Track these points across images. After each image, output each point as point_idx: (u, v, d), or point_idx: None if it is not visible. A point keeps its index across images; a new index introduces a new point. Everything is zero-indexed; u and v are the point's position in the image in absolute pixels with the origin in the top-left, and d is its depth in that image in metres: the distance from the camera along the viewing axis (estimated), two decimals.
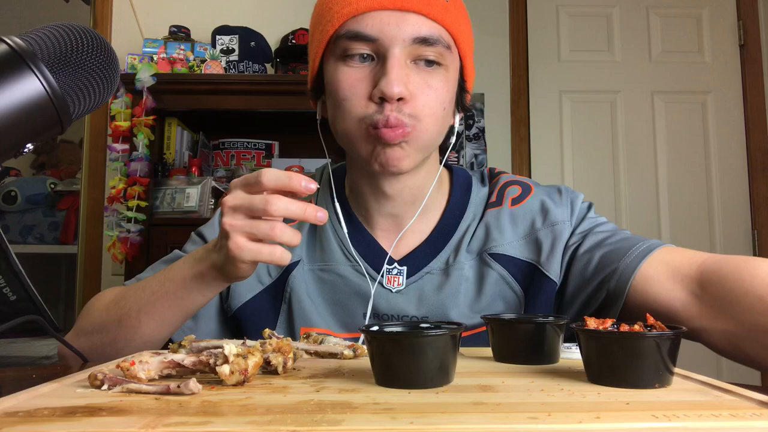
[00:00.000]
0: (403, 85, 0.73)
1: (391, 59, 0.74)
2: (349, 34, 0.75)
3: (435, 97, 0.76)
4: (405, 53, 0.75)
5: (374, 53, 0.76)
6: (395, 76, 0.73)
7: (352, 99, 0.76)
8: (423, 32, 0.75)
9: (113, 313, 0.78)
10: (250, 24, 2.39)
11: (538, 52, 2.67)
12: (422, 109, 0.75)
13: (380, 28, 0.74)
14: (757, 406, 0.42)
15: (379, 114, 0.74)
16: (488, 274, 0.83)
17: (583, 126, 2.66)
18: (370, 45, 0.75)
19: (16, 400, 0.44)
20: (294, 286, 0.84)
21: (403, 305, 0.82)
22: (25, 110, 0.45)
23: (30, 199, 2.94)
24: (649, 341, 0.48)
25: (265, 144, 2.44)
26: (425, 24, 0.75)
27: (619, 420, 0.38)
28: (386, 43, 0.74)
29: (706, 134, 2.66)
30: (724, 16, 2.71)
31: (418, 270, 0.84)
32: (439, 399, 0.44)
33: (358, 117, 0.76)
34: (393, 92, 0.72)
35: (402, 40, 0.74)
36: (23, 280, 0.66)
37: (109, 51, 0.50)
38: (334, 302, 0.84)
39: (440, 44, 0.76)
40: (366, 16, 0.75)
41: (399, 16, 0.74)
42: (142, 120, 2.08)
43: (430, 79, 0.76)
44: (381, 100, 0.74)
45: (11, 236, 2.87)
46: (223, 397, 0.45)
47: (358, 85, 0.75)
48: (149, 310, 0.74)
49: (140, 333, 0.75)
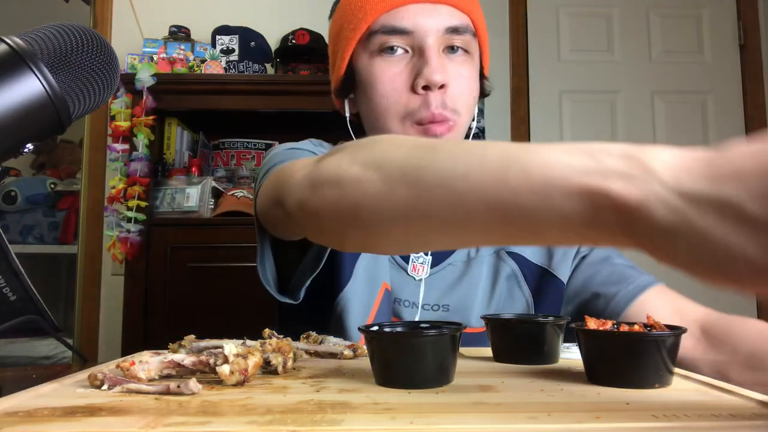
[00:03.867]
0: (444, 72, 0.77)
1: (429, 49, 0.77)
2: (385, 28, 0.78)
3: (466, 86, 0.81)
4: (438, 43, 0.78)
5: (410, 46, 0.79)
6: (436, 63, 0.76)
7: (392, 94, 0.78)
8: (454, 22, 0.79)
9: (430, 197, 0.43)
10: (250, 24, 2.39)
11: (538, 52, 2.67)
12: (459, 99, 0.79)
13: (415, 21, 0.77)
14: (757, 406, 0.42)
15: (425, 109, 0.77)
16: (502, 269, 0.86)
17: (583, 126, 2.66)
18: (405, 38, 0.78)
19: (16, 400, 0.44)
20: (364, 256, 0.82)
21: (426, 293, 0.84)
22: (25, 110, 0.45)
23: (30, 199, 2.94)
24: (649, 341, 0.48)
25: (265, 144, 2.44)
26: (455, 14, 0.79)
27: (619, 420, 0.38)
28: (422, 34, 0.77)
29: (706, 134, 2.66)
30: (724, 16, 2.71)
31: (442, 260, 0.86)
32: (439, 399, 0.44)
33: (401, 113, 0.78)
34: (437, 79, 0.76)
35: (436, 30, 0.78)
36: (23, 280, 0.66)
37: (109, 51, 0.50)
38: (398, 264, 0.85)
39: (468, 32, 0.80)
40: (401, 10, 0.78)
41: (431, 8, 0.78)
42: (142, 120, 2.08)
43: (461, 68, 0.80)
44: (425, 90, 0.77)
45: (11, 236, 2.87)
46: (223, 397, 0.45)
47: (397, 78, 0.78)
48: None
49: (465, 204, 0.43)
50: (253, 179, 2.35)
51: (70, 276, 2.73)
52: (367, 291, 0.81)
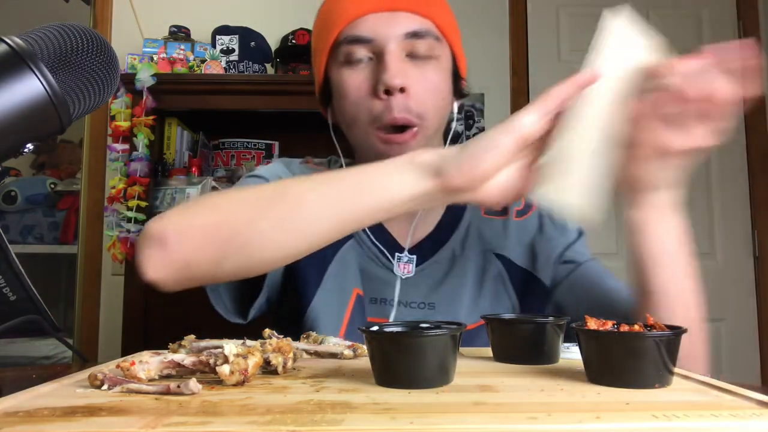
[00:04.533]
0: (403, 75, 0.79)
1: (388, 54, 0.79)
2: (347, 39, 0.81)
3: (433, 88, 0.82)
4: (400, 48, 0.80)
5: (373, 53, 0.81)
6: (394, 67, 0.79)
7: (359, 101, 0.81)
8: (413, 27, 0.81)
9: (268, 191, 0.66)
10: (250, 24, 2.39)
11: (538, 52, 2.67)
12: (425, 102, 0.81)
13: (374, 29, 0.80)
14: (757, 406, 0.42)
15: (388, 114, 0.79)
16: (489, 269, 0.88)
17: None
18: (367, 46, 0.81)
19: (16, 400, 0.44)
20: (345, 254, 0.86)
21: (411, 292, 0.86)
22: (25, 110, 0.45)
23: (30, 199, 2.93)
24: (649, 341, 0.48)
25: (265, 144, 2.44)
26: (415, 20, 0.81)
27: (619, 420, 0.38)
28: (381, 41, 0.80)
29: None
30: (724, 16, 2.70)
31: (426, 259, 0.88)
32: (439, 399, 0.44)
33: (366, 117, 0.81)
34: (395, 83, 0.78)
35: (395, 36, 0.80)
36: (23, 280, 0.66)
37: (109, 51, 0.50)
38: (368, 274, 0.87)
39: (430, 36, 0.82)
40: (360, 21, 0.81)
41: (390, 16, 0.81)
42: (142, 120, 2.08)
43: (425, 71, 0.82)
44: (386, 94, 0.79)
45: (11, 236, 2.87)
46: (223, 397, 0.45)
47: (362, 86, 0.81)
48: (326, 202, 0.62)
49: (307, 210, 0.62)
50: None
51: (70, 276, 2.73)
52: (337, 300, 0.84)
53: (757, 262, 2.57)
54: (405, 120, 0.80)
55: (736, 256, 2.58)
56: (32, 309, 0.67)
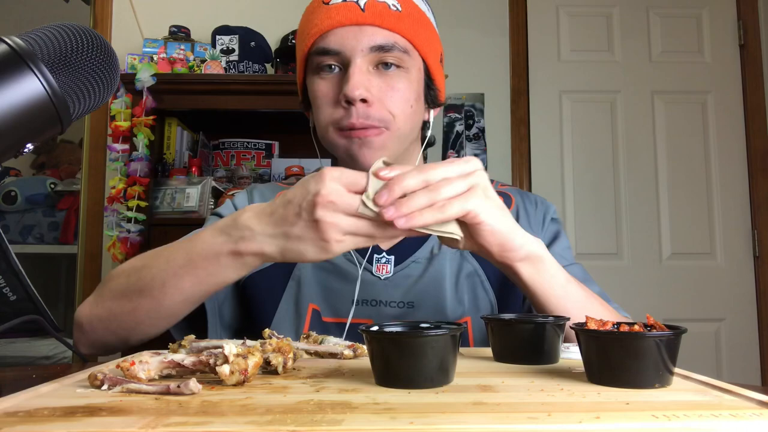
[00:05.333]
0: (363, 88, 0.83)
1: (353, 66, 0.84)
2: (317, 50, 0.86)
3: (399, 97, 0.86)
4: (366, 61, 0.85)
5: (340, 64, 0.86)
6: (356, 80, 0.83)
7: (323, 106, 0.87)
8: (378, 41, 0.84)
9: (134, 281, 0.77)
10: (250, 24, 2.39)
11: (538, 52, 2.67)
12: (390, 110, 0.85)
13: (341, 42, 0.85)
14: (757, 406, 0.42)
15: (347, 118, 0.84)
16: (464, 267, 0.90)
17: (583, 126, 2.66)
18: (335, 57, 0.86)
19: (16, 400, 0.44)
20: (302, 269, 0.90)
21: (390, 292, 0.89)
22: (25, 110, 0.45)
23: (30, 199, 2.93)
24: (649, 341, 0.48)
25: (265, 144, 2.44)
26: (380, 33, 0.85)
27: (619, 420, 0.38)
28: (347, 53, 0.85)
29: (706, 134, 2.66)
30: (724, 16, 2.70)
31: (404, 259, 0.91)
32: (439, 399, 0.44)
33: (328, 121, 0.86)
34: (354, 95, 0.82)
35: (361, 50, 0.84)
36: (23, 280, 0.66)
37: (109, 51, 0.50)
38: (327, 288, 0.90)
39: (396, 49, 0.85)
40: (329, 34, 0.85)
41: (357, 30, 0.85)
42: (142, 120, 2.08)
43: (392, 81, 0.86)
44: (348, 104, 0.84)
45: (11, 236, 2.87)
46: (223, 397, 0.45)
47: (328, 93, 0.87)
48: (175, 283, 0.73)
49: (165, 305, 0.75)
50: (253, 179, 2.35)
51: (70, 276, 2.73)
52: (295, 317, 0.89)
53: (757, 262, 2.57)
54: (363, 125, 0.84)
55: (736, 256, 2.58)
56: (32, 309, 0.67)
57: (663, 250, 2.59)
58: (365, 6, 0.85)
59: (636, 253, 2.59)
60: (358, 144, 0.84)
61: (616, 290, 2.52)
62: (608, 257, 2.58)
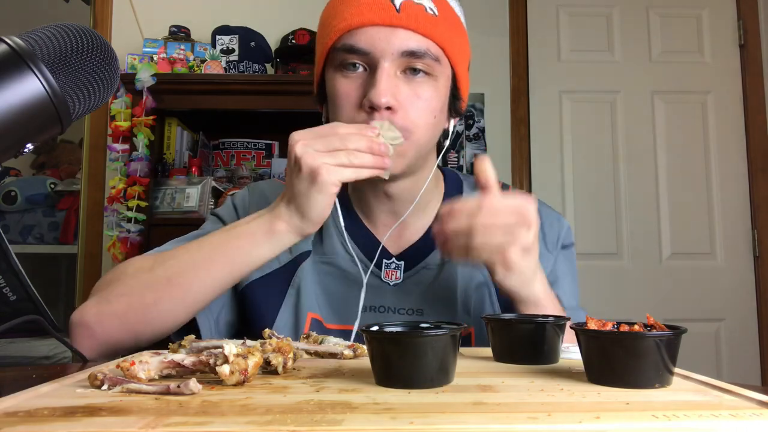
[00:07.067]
0: (390, 94, 0.78)
1: (380, 71, 0.79)
2: (344, 47, 0.81)
3: (425, 107, 0.81)
4: (395, 65, 0.80)
5: (367, 65, 0.81)
6: (383, 86, 0.78)
7: (344, 107, 0.82)
8: (411, 46, 0.79)
9: (159, 273, 0.78)
10: (250, 24, 2.39)
11: (538, 52, 2.67)
12: (414, 120, 0.80)
13: (371, 43, 0.79)
14: (757, 406, 0.42)
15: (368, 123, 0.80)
16: (474, 276, 0.88)
17: (583, 126, 2.66)
18: (362, 57, 0.80)
19: (16, 400, 0.44)
20: (303, 276, 0.88)
21: (400, 298, 0.87)
22: (25, 110, 0.45)
23: (30, 199, 2.93)
24: (649, 341, 0.48)
25: (265, 144, 2.44)
26: (413, 38, 0.80)
27: (619, 420, 0.38)
28: (377, 56, 0.79)
29: (706, 134, 2.66)
30: (724, 16, 2.70)
31: (415, 265, 0.88)
32: (439, 399, 0.44)
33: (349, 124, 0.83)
34: (380, 102, 0.78)
35: (391, 53, 0.79)
36: (23, 280, 0.66)
37: (109, 51, 0.50)
38: (333, 294, 0.88)
39: (428, 57, 0.80)
40: (359, 31, 0.80)
41: (389, 31, 0.79)
42: (142, 120, 2.08)
43: (419, 89, 0.81)
44: (371, 110, 0.79)
45: (11, 236, 2.87)
46: (223, 397, 0.45)
47: (351, 94, 0.81)
48: (208, 267, 0.77)
49: (193, 291, 0.77)
50: (253, 179, 2.35)
51: (70, 276, 2.73)
52: (294, 326, 0.87)
53: (757, 262, 2.57)
54: None
55: (736, 256, 2.58)
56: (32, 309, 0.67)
57: (663, 250, 2.59)
58: (400, 6, 0.79)
59: (636, 253, 2.59)
60: None
61: (616, 290, 2.53)
62: (608, 257, 2.58)
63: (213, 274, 0.76)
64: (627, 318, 0.56)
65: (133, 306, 0.77)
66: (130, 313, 0.77)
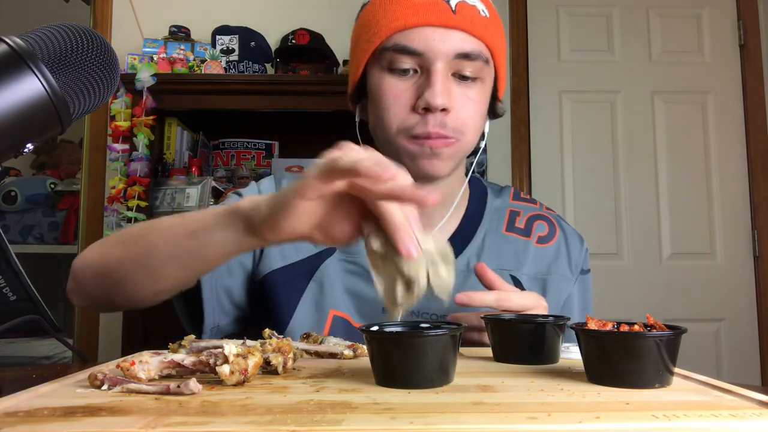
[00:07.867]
0: (446, 96, 0.78)
1: (436, 72, 0.78)
2: (396, 47, 0.79)
3: (474, 109, 0.82)
4: (447, 67, 0.79)
5: (419, 66, 0.80)
6: (440, 88, 0.77)
7: (395, 109, 0.80)
8: (466, 48, 0.79)
9: (133, 230, 0.74)
10: (250, 24, 2.39)
11: (538, 52, 2.67)
12: (465, 122, 0.81)
13: (426, 44, 0.78)
14: (757, 406, 0.42)
15: (422, 126, 0.79)
16: None
17: (583, 126, 2.66)
18: (415, 59, 0.79)
19: (16, 400, 0.44)
20: (326, 272, 0.86)
21: (425, 302, 0.84)
22: (25, 110, 0.45)
23: (30, 199, 2.93)
24: (649, 341, 0.48)
25: (265, 144, 2.44)
26: (468, 40, 0.79)
27: (619, 420, 0.38)
28: (431, 57, 0.78)
29: (706, 134, 2.65)
30: (724, 16, 2.70)
31: None
32: (439, 399, 0.44)
33: (399, 127, 0.80)
34: (437, 103, 0.77)
35: (446, 54, 0.78)
36: (23, 280, 0.66)
37: (109, 51, 0.50)
38: (358, 293, 0.86)
39: (480, 59, 0.80)
40: (413, 32, 0.79)
41: (444, 32, 0.78)
42: (142, 120, 2.08)
43: (469, 92, 0.81)
44: (425, 111, 0.78)
45: (11, 236, 2.87)
46: (223, 397, 0.45)
47: (402, 95, 0.80)
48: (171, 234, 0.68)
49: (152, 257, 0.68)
50: (253, 179, 2.35)
51: None
52: (314, 321, 0.84)
53: (757, 262, 2.57)
54: (438, 134, 0.79)
55: (736, 256, 2.58)
56: (32, 309, 0.67)
57: (663, 250, 2.59)
58: (456, 7, 0.78)
59: (636, 253, 2.58)
60: (429, 153, 0.80)
61: (616, 290, 2.53)
62: (608, 257, 2.58)
63: (174, 242, 0.67)
64: (627, 318, 0.56)
65: (104, 258, 0.74)
66: (102, 265, 0.74)
